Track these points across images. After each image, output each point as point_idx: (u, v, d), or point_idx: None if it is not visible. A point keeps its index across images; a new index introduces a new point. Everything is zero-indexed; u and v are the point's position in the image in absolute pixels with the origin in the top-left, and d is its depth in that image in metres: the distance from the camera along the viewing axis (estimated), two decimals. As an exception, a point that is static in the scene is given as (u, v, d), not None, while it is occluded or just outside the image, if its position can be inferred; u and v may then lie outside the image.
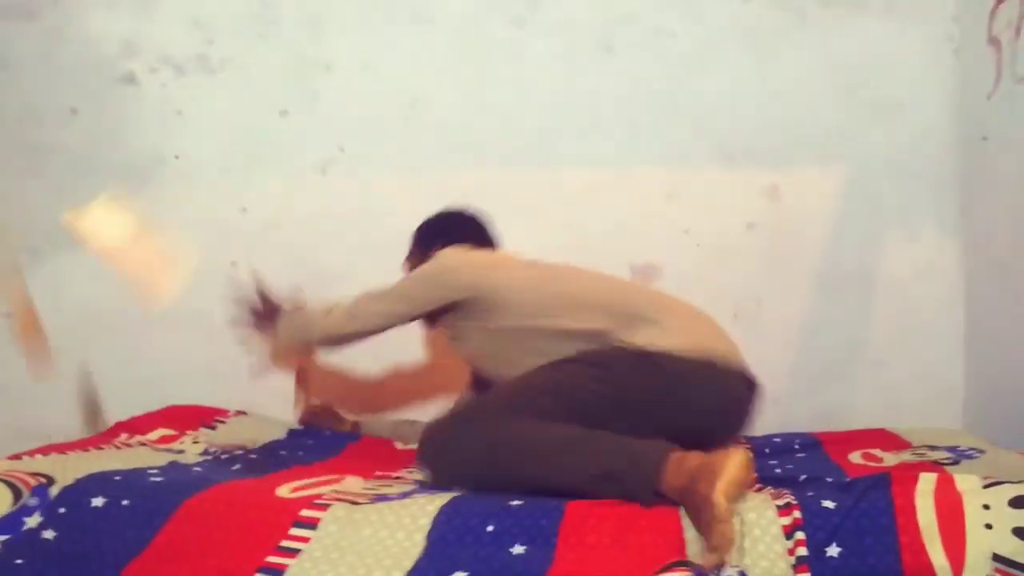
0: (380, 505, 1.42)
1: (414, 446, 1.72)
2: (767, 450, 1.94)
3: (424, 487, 1.58)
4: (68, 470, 1.48)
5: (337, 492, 1.51)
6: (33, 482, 1.43)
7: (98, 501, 1.39)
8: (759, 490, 1.50)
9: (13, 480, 1.43)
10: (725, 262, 2.29)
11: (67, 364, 2.32)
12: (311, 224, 2.31)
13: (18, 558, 1.31)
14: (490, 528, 1.34)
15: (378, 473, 1.72)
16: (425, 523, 1.36)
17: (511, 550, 1.31)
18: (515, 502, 1.41)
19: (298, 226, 2.31)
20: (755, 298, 2.29)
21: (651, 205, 2.28)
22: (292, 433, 2.08)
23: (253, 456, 1.85)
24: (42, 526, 1.36)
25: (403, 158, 2.29)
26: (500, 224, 2.28)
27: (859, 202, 2.28)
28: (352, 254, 2.30)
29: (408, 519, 1.37)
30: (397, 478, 1.71)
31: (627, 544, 1.32)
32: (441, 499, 1.44)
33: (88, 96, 2.29)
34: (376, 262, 2.29)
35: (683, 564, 1.26)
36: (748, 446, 1.70)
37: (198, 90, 2.30)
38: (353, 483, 1.60)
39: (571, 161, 2.26)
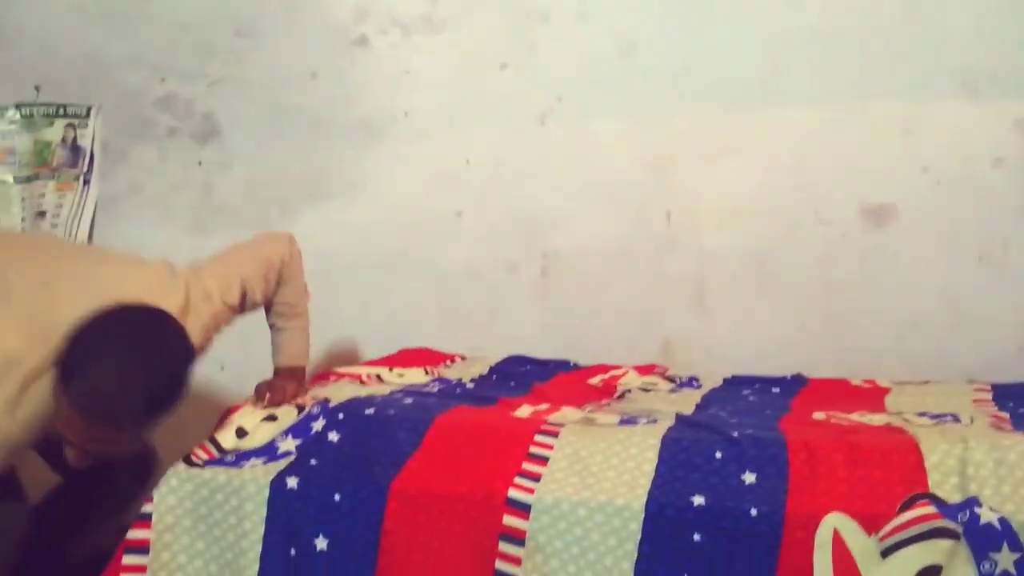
0: (604, 429, 1.49)
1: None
2: (1012, 400, 1.80)
3: (628, 418, 1.61)
4: (336, 392, 1.67)
5: (561, 418, 1.58)
6: (312, 400, 1.62)
7: (370, 411, 1.55)
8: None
9: (296, 400, 1.63)
10: (968, 201, 2.12)
11: (314, 312, 2.54)
12: (531, 173, 2.37)
13: (312, 459, 1.49)
14: (718, 455, 1.37)
15: (589, 405, 1.78)
16: (654, 444, 1.41)
17: (742, 477, 1.33)
18: (735, 433, 1.42)
19: (518, 176, 2.38)
20: (1002, 240, 2.11)
21: (886, 142, 2.14)
22: (497, 369, 2.14)
23: (471, 386, 1.95)
24: (327, 429, 1.54)
25: (621, 105, 2.29)
26: (724, 165, 2.25)
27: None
28: (570, 202, 2.34)
29: (638, 438, 1.43)
30: (606, 406, 1.76)
31: (862, 477, 1.30)
32: (662, 427, 1.49)
33: (326, 60, 2.46)
34: (594, 209, 2.34)
35: (926, 497, 1.22)
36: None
37: (423, 49, 2.41)
38: (568, 412, 1.67)
39: (797, 98, 2.17)
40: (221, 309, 1.62)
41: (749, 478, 1.34)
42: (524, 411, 1.66)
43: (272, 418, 1.61)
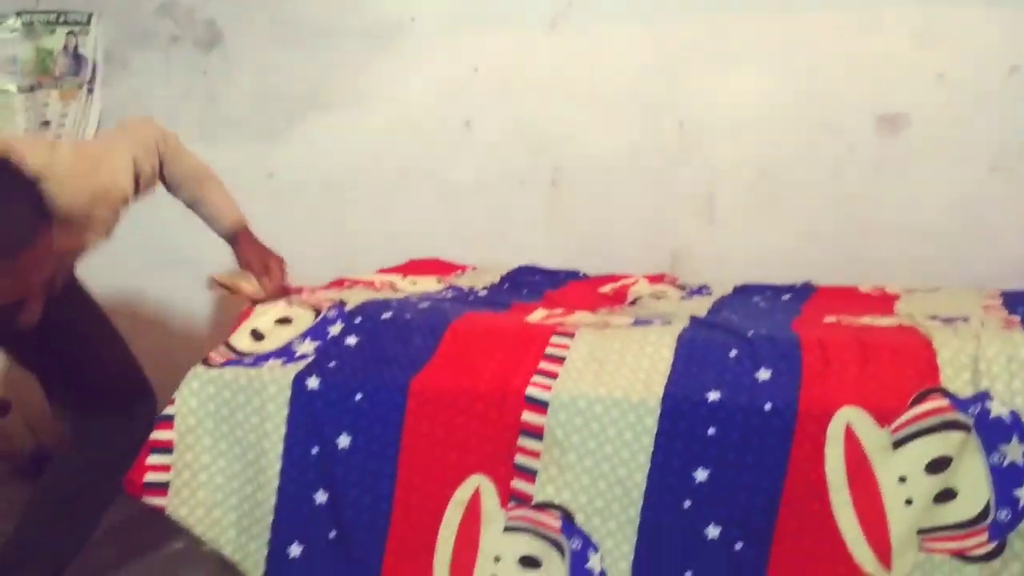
0: (619, 330, 1.51)
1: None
2: (1022, 306, 1.81)
3: (642, 320, 1.63)
4: (352, 297, 1.67)
5: (575, 321, 1.60)
6: (328, 303, 1.63)
7: (387, 315, 1.56)
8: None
9: (312, 304, 1.63)
10: (983, 110, 2.10)
11: (324, 221, 2.54)
12: (540, 82, 2.34)
13: (331, 360, 1.50)
14: (733, 354, 1.39)
15: (602, 309, 1.79)
16: (670, 342, 1.43)
17: (756, 375, 1.35)
18: (749, 332, 1.44)
19: (528, 84, 2.35)
20: (1017, 149, 2.09)
21: (900, 49, 2.11)
22: (508, 278, 2.15)
23: (484, 294, 1.97)
24: (344, 332, 1.55)
25: (632, 9, 2.25)
26: (736, 74, 2.22)
27: None
28: (580, 111, 2.32)
29: (654, 337, 1.44)
30: (619, 311, 1.78)
31: (874, 373, 1.32)
32: (676, 328, 1.50)
33: (331, -35, 2.40)
34: (604, 119, 2.32)
35: (938, 391, 1.25)
36: None
37: (431, -48, 2.36)
38: (582, 316, 1.69)
39: (811, 5, 2.13)
40: (107, 182, 1.55)
41: (763, 375, 1.36)
42: (538, 315, 1.68)
43: (287, 320, 1.63)
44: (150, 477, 1.50)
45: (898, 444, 1.29)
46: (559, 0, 2.28)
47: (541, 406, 1.41)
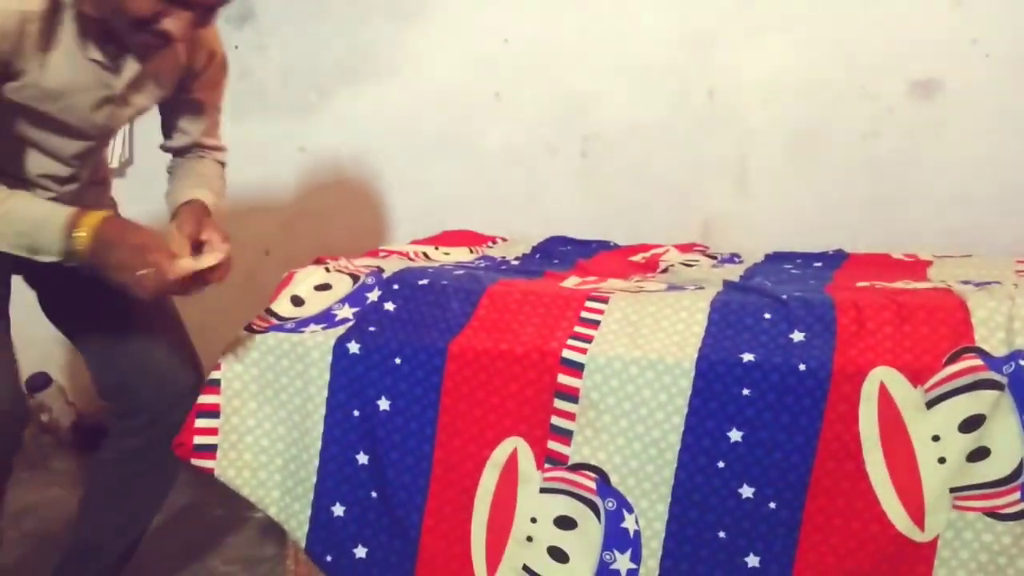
0: (653, 295, 1.52)
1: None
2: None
3: (675, 286, 1.65)
4: (388, 265, 1.70)
5: (609, 287, 1.62)
6: (366, 270, 1.66)
7: (423, 281, 1.59)
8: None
9: (349, 272, 1.66)
10: (1018, 76, 2.08)
11: (356, 194, 2.57)
12: (570, 52, 2.34)
13: (370, 326, 1.54)
14: (767, 316, 1.40)
15: (635, 276, 1.81)
16: (704, 307, 1.45)
17: (791, 336, 1.37)
18: (784, 296, 1.45)
19: (557, 55, 2.35)
20: (1052, 114, 2.08)
21: (933, 13, 2.10)
22: (539, 248, 2.17)
23: (516, 263, 1.99)
24: (382, 299, 1.58)
25: (662, -22, 2.25)
26: (766, 41, 2.22)
27: None
28: (610, 81, 2.33)
29: (687, 302, 1.46)
30: (652, 278, 1.80)
31: (908, 332, 1.33)
32: (710, 292, 1.53)
33: (359, -60, 2.42)
34: (634, 88, 2.32)
35: (973, 350, 1.26)
36: None
37: (462, -75, 2.37)
38: (615, 282, 1.71)
39: (843, -31, 2.12)
40: None
41: (798, 336, 1.38)
42: (572, 282, 1.70)
43: (326, 286, 1.66)
44: (198, 440, 1.54)
45: (932, 403, 1.31)
46: (588, -30, 2.28)
47: (577, 368, 1.43)
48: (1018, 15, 2.07)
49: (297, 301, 1.61)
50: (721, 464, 1.38)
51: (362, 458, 1.51)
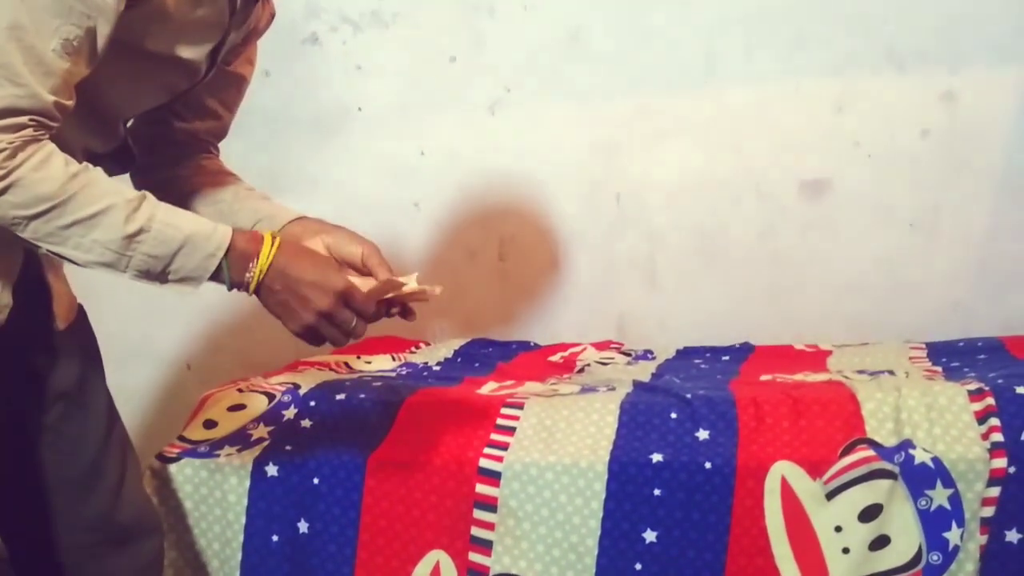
0: (567, 398, 1.58)
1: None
2: (945, 357, 1.92)
3: (589, 388, 1.71)
4: (306, 379, 1.71)
5: (525, 391, 1.67)
6: (282, 388, 1.67)
7: (340, 396, 1.61)
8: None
9: (265, 390, 1.67)
10: (898, 172, 2.24)
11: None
12: (484, 161, 2.44)
13: (287, 445, 1.54)
14: (673, 415, 1.46)
15: (551, 378, 1.87)
16: (614, 409, 1.50)
17: (696, 435, 1.43)
18: (688, 395, 1.52)
19: (472, 164, 2.45)
20: (932, 207, 2.23)
21: (819, 118, 2.25)
22: (461, 352, 2.21)
23: (438, 369, 2.03)
24: (299, 416, 1.59)
25: (567, 92, 2.37)
26: (665, 146, 2.35)
27: (1043, 102, 2.17)
28: (524, 187, 2.43)
29: (599, 404, 1.52)
30: (567, 379, 1.85)
31: (804, 426, 1.40)
32: (620, 393, 1.58)
33: (278, 58, 2.49)
34: (546, 193, 2.42)
35: (864, 441, 1.33)
36: None
37: (374, 44, 2.47)
38: (532, 386, 1.76)
39: (735, 79, 2.27)
40: None
41: (703, 435, 1.44)
42: (489, 388, 1.74)
43: (240, 407, 1.66)
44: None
45: (831, 495, 1.37)
46: (497, 86, 2.40)
47: (494, 477, 1.46)
48: (894, 118, 2.24)
49: (210, 424, 1.61)
50: (639, 566, 1.41)
51: (283, 584, 1.49)
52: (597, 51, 2.35)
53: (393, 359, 2.10)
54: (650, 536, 1.41)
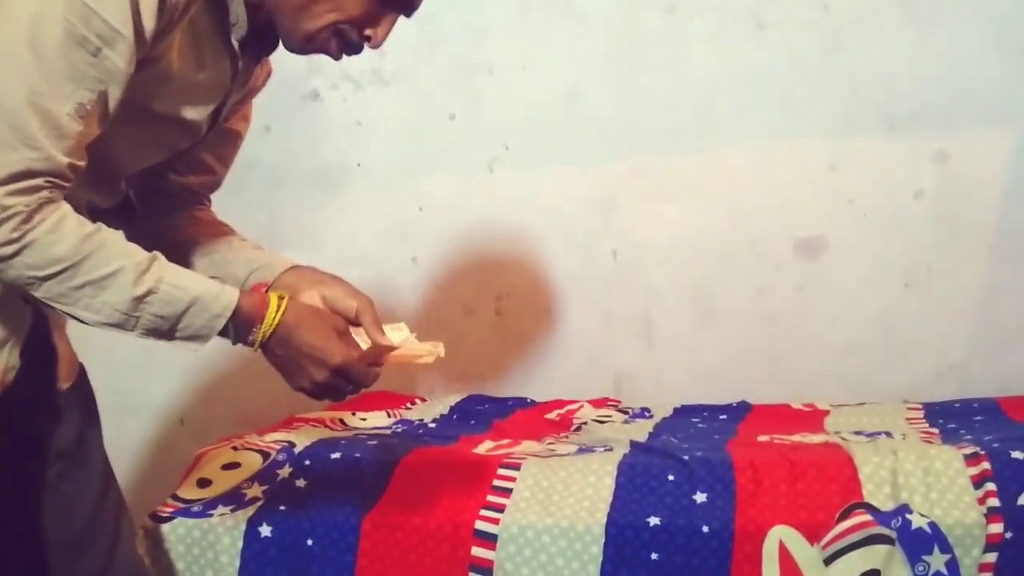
0: (564, 459, 1.57)
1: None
2: (942, 418, 1.92)
3: (586, 448, 1.70)
4: (301, 437, 1.70)
5: (522, 451, 1.66)
6: (277, 446, 1.66)
7: (335, 455, 1.60)
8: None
9: (259, 448, 1.66)
10: (893, 231, 2.26)
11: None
12: (482, 218, 2.46)
13: (280, 504, 1.53)
14: (671, 478, 1.45)
15: (548, 437, 1.86)
16: (611, 470, 1.49)
17: (694, 497, 1.42)
18: (685, 456, 1.51)
19: (470, 221, 2.47)
20: (926, 266, 2.25)
21: (814, 178, 2.28)
22: (457, 408, 2.21)
23: (433, 426, 2.02)
24: (293, 475, 1.58)
25: (564, 151, 2.40)
26: (661, 204, 2.37)
27: (1033, 163, 2.21)
28: (521, 244, 2.44)
29: (596, 465, 1.51)
30: (564, 438, 1.85)
31: (801, 489, 1.40)
32: (617, 454, 1.58)
33: (279, 114, 2.52)
34: (543, 250, 2.44)
35: (862, 506, 1.33)
36: None
37: (374, 102, 2.50)
38: (529, 445, 1.75)
39: (729, 140, 2.30)
40: None
41: (700, 497, 1.43)
42: (486, 447, 1.74)
43: (234, 465, 1.65)
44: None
45: (829, 560, 1.36)
46: (495, 144, 2.43)
47: (490, 540, 1.45)
48: (888, 177, 2.27)
49: (204, 483, 1.60)
50: (636, 630, 1.39)
51: (275, 649, 1.47)
52: (594, 110, 2.39)
53: (388, 415, 2.09)
54: (648, 601, 1.39)
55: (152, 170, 1.27)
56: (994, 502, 1.34)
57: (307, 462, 1.60)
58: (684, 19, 2.32)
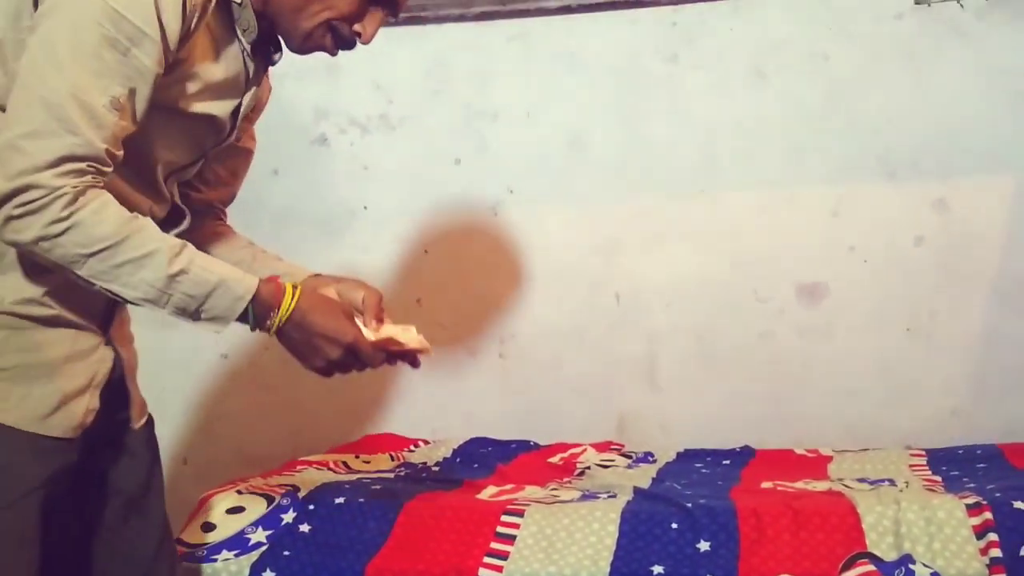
0: (567, 506, 1.57)
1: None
2: (945, 465, 1.91)
3: (589, 494, 1.70)
4: (305, 481, 1.71)
5: (525, 497, 1.66)
6: (281, 490, 1.66)
7: (340, 500, 1.60)
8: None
9: (264, 491, 1.66)
10: (894, 277, 2.28)
11: (279, 399, 2.59)
12: (486, 261, 2.48)
13: (284, 550, 1.53)
14: (674, 526, 1.46)
15: (551, 483, 1.86)
16: (615, 518, 1.50)
17: (697, 546, 1.42)
18: (689, 504, 1.51)
19: (474, 264, 2.49)
20: (928, 312, 2.26)
21: (815, 224, 2.31)
22: (460, 451, 2.21)
23: (436, 469, 2.02)
24: (297, 520, 1.58)
25: (568, 195, 2.44)
26: (664, 249, 2.40)
27: (1032, 210, 2.23)
28: (524, 286, 2.46)
29: (599, 513, 1.51)
30: (567, 483, 1.85)
31: (805, 539, 1.40)
32: (620, 501, 1.58)
33: (287, 157, 2.57)
34: (546, 293, 2.46)
35: (865, 556, 1.32)
36: None
37: (381, 146, 2.54)
38: (532, 491, 1.75)
39: (731, 186, 2.33)
40: None
41: (704, 546, 1.43)
42: (489, 492, 1.74)
43: (239, 509, 1.65)
44: None
45: (833, 611, 1.36)
46: (500, 188, 2.46)
47: (494, 587, 1.45)
48: (889, 223, 2.30)
49: (208, 527, 1.60)
50: None
51: None
52: (597, 156, 2.42)
53: (392, 458, 2.09)
54: (651, 651, 1.39)
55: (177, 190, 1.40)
56: (996, 552, 1.34)
57: (311, 507, 1.60)
58: (687, 67, 2.36)
